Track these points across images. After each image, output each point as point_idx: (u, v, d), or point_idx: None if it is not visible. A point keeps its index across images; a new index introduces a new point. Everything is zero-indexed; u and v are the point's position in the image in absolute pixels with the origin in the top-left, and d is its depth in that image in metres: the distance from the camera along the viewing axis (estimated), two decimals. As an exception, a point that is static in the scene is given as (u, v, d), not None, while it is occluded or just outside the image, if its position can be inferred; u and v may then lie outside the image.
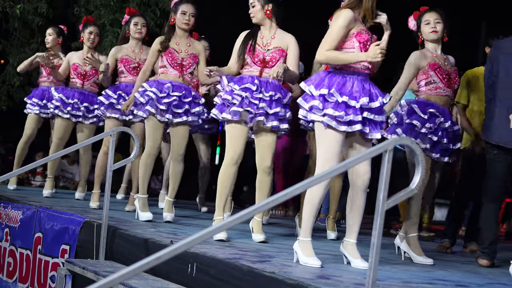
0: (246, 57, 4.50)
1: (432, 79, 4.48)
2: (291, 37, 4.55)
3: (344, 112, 3.63)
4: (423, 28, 4.55)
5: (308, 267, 3.56)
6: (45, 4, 9.29)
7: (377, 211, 2.55)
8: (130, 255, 4.19)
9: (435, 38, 4.53)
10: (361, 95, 3.67)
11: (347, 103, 3.64)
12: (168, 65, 5.18)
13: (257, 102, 4.38)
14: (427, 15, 4.54)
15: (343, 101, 3.64)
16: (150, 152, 5.23)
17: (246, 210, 2.42)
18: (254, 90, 4.38)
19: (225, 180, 4.48)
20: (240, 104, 4.38)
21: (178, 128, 5.23)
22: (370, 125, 3.73)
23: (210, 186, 7.23)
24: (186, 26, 5.20)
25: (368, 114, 3.68)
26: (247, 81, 4.42)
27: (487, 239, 4.46)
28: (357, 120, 3.65)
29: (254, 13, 4.53)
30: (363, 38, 3.73)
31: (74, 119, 6.43)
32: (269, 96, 4.40)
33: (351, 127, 3.65)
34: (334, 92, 3.66)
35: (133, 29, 6.00)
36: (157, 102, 5.09)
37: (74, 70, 6.47)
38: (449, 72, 4.55)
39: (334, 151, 3.66)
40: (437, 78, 4.48)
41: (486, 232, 4.48)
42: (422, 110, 4.40)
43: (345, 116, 3.63)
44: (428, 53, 4.53)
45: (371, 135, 3.74)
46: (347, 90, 3.67)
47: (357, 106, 3.65)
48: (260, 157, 4.56)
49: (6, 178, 4.76)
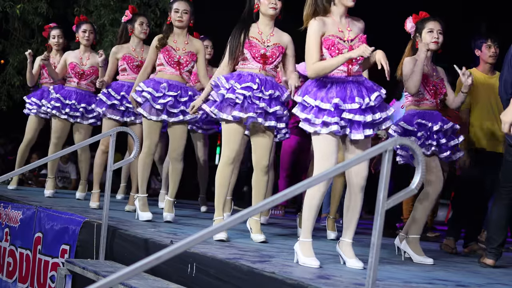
0: (245, 52, 4.48)
1: (420, 91, 4.48)
2: (288, 37, 4.55)
3: (313, 115, 3.68)
4: (424, 35, 4.47)
5: (308, 267, 3.56)
6: (45, 4, 9.28)
7: (377, 211, 2.55)
8: (130, 255, 4.19)
9: (434, 48, 4.49)
10: (334, 97, 3.69)
11: (319, 107, 3.69)
12: (165, 62, 5.19)
13: (258, 102, 4.37)
14: (431, 24, 4.47)
15: (316, 105, 3.70)
16: (148, 152, 5.22)
17: (246, 210, 2.43)
18: (255, 89, 4.37)
19: (222, 179, 4.46)
20: (242, 104, 4.37)
21: (175, 127, 5.22)
22: (351, 126, 3.71)
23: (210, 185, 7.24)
24: (179, 24, 5.20)
25: (347, 114, 3.68)
26: (248, 80, 4.40)
27: (496, 240, 4.45)
28: (332, 122, 3.65)
29: (278, 6, 4.45)
30: (327, 43, 3.75)
31: (72, 120, 6.43)
32: (268, 95, 4.39)
33: (328, 128, 3.66)
34: (307, 98, 3.73)
35: (138, 29, 6.00)
36: (153, 102, 5.09)
37: (72, 69, 6.47)
38: (436, 83, 4.55)
39: (327, 151, 3.67)
40: (424, 90, 4.50)
41: (496, 233, 4.46)
42: (410, 124, 4.45)
43: (315, 119, 3.68)
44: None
45: (352, 135, 3.72)
46: (322, 94, 3.71)
47: (331, 109, 3.66)
48: (257, 156, 4.55)
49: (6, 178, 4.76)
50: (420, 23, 4.53)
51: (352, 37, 3.79)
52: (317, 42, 3.74)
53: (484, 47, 5.46)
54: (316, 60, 3.73)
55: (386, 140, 2.67)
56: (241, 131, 4.46)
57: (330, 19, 3.79)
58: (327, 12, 3.79)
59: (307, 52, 3.76)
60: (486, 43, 5.47)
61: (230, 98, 4.36)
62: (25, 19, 9.53)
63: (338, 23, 3.79)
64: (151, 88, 5.11)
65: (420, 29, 4.51)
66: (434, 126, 4.44)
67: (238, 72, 4.48)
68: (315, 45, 3.74)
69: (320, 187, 3.64)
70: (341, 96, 3.68)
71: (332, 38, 3.75)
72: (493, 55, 5.49)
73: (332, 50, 3.73)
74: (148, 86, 5.13)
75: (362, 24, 3.89)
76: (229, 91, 4.38)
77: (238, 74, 4.46)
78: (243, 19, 4.54)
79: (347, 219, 3.81)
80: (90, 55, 6.49)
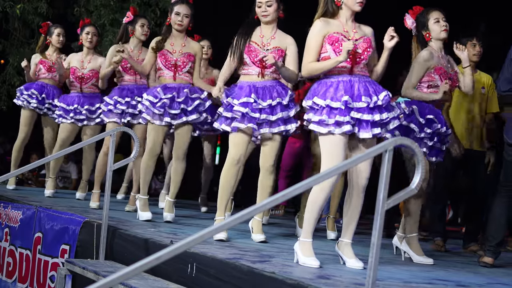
0: (245, 57, 4.49)
1: (435, 83, 4.41)
2: (291, 39, 4.54)
3: (327, 115, 3.65)
4: (432, 27, 4.43)
5: (308, 267, 3.56)
6: (45, 4, 9.28)
7: (377, 211, 2.55)
8: (130, 255, 4.19)
9: (445, 36, 4.45)
10: (343, 96, 3.68)
11: (330, 106, 3.67)
12: (163, 67, 5.21)
13: (257, 115, 4.37)
14: (435, 13, 4.44)
15: (327, 105, 3.67)
16: (151, 153, 5.23)
17: (246, 210, 2.42)
18: (253, 102, 4.37)
19: (226, 181, 4.47)
20: (241, 119, 4.38)
21: (179, 128, 5.24)
22: (359, 125, 3.71)
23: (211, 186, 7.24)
24: (179, 27, 5.21)
25: (355, 114, 3.67)
26: (245, 94, 4.39)
27: (495, 238, 4.45)
28: (344, 121, 3.64)
29: (269, 12, 4.46)
30: (331, 39, 3.75)
31: (80, 124, 6.45)
32: (267, 105, 4.39)
33: (340, 128, 3.64)
34: (316, 99, 3.71)
35: (139, 31, 6.01)
36: (153, 107, 5.12)
37: (72, 73, 6.49)
38: (451, 75, 4.50)
39: (335, 153, 3.66)
40: (440, 83, 4.42)
41: (495, 232, 4.46)
42: (422, 114, 4.37)
43: (328, 119, 3.65)
44: (434, 53, 4.45)
45: (361, 134, 3.71)
46: (330, 94, 3.70)
47: (342, 107, 3.65)
48: (264, 156, 4.56)
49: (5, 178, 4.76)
50: (422, 16, 4.48)
51: (357, 37, 3.81)
52: (317, 42, 3.76)
53: (469, 45, 5.45)
54: (312, 60, 3.77)
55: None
56: (247, 137, 4.48)
57: (337, 21, 3.82)
58: (335, 15, 3.83)
59: (305, 51, 3.79)
60: (471, 41, 5.47)
61: (227, 117, 4.41)
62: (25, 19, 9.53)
63: (344, 24, 3.81)
64: (151, 96, 5.17)
65: (424, 22, 4.47)
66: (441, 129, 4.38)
67: (239, 85, 4.50)
68: (314, 45, 3.77)
69: (325, 188, 3.64)
70: (349, 95, 3.68)
71: (336, 35, 3.76)
72: (478, 53, 5.51)
73: (336, 46, 3.73)
74: (148, 94, 5.20)
75: (369, 30, 3.91)
76: (227, 109, 4.42)
77: (239, 87, 4.47)
78: (247, 22, 4.55)
79: (347, 220, 3.81)
80: (92, 58, 6.49)
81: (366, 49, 3.80)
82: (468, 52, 5.42)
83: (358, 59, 3.77)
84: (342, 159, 3.67)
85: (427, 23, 4.46)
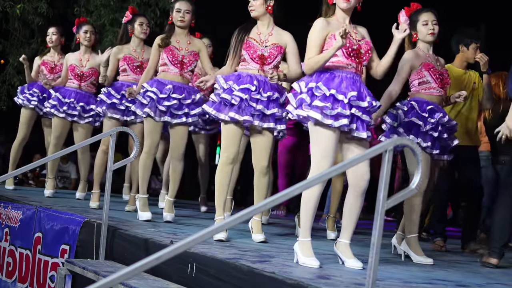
0: (243, 53, 4.49)
1: (426, 79, 4.44)
2: (289, 35, 4.55)
3: (331, 104, 3.63)
4: (420, 28, 4.47)
5: (308, 267, 3.56)
6: (45, 4, 9.29)
7: (377, 211, 2.55)
8: (130, 255, 4.19)
9: (431, 40, 4.49)
10: (349, 90, 3.68)
11: (334, 97, 3.66)
12: (168, 62, 5.18)
13: (254, 105, 4.37)
14: (425, 15, 4.47)
15: (331, 94, 3.66)
16: (149, 152, 5.23)
17: (246, 210, 2.42)
18: (253, 91, 4.37)
19: (221, 179, 4.47)
20: (238, 106, 4.37)
21: (177, 128, 5.23)
22: (357, 123, 3.71)
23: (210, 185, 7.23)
24: (181, 23, 5.20)
25: (356, 111, 3.67)
26: (246, 81, 4.40)
27: (501, 239, 4.44)
28: (344, 115, 3.63)
29: (255, 6, 4.49)
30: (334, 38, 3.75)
31: (70, 118, 6.42)
32: (266, 97, 4.39)
33: (338, 121, 3.63)
34: (321, 85, 3.68)
35: (138, 29, 6.01)
36: (157, 103, 5.09)
37: (71, 71, 6.47)
38: (442, 72, 4.52)
39: (327, 148, 3.66)
40: (431, 78, 4.44)
41: (500, 234, 4.44)
42: (421, 108, 4.38)
43: (331, 108, 3.62)
44: (420, 53, 4.48)
45: (357, 133, 3.71)
46: (335, 85, 3.69)
47: (345, 101, 3.65)
48: (257, 157, 4.55)
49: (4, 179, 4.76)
50: (414, 16, 4.49)
51: (359, 38, 3.84)
52: (318, 40, 3.77)
53: (472, 48, 5.46)
54: (313, 55, 3.76)
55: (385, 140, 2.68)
56: (240, 131, 4.47)
57: (335, 21, 3.83)
58: (332, 14, 3.86)
59: (307, 48, 3.79)
60: (476, 45, 5.48)
61: (226, 99, 4.37)
62: (25, 19, 9.53)
63: (342, 24, 3.81)
64: (155, 88, 5.12)
65: (415, 22, 4.48)
66: (444, 118, 4.38)
67: (238, 72, 4.49)
68: (315, 42, 3.77)
69: (317, 186, 3.64)
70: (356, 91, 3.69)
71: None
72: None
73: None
74: (152, 86, 5.13)
75: (365, 31, 3.95)
76: (226, 91, 4.39)
77: (238, 74, 4.47)
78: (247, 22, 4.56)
79: (346, 220, 3.80)
80: (90, 56, 6.48)
81: (368, 51, 3.83)
82: (469, 54, 5.45)
83: (360, 60, 3.80)
84: (333, 157, 3.68)
85: (416, 23, 4.49)
